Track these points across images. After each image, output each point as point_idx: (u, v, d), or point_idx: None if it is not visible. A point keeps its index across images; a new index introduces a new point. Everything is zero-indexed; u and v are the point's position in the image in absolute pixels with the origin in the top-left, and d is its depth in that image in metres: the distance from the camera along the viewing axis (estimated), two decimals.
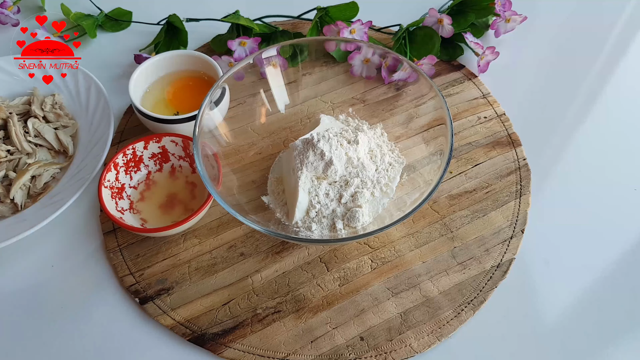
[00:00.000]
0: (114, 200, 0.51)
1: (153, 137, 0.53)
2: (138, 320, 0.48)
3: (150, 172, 0.55)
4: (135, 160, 0.54)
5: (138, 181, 0.54)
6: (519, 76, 0.67)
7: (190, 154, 0.54)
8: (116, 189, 0.52)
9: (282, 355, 0.46)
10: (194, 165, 0.54)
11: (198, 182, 0.54)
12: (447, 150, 0.47)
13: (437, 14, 0.65)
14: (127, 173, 0.53)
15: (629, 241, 0.52)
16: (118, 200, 0.52)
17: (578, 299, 0.49)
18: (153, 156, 0.55)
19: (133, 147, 0.53)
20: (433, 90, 0.51)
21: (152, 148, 0.54)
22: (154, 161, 0.55)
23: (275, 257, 0.51)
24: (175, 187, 0.54)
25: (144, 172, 0.55)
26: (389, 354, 0.45)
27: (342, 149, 0.50)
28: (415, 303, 0.48)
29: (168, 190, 0.54)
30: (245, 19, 0.67)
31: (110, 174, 0.52)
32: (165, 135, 0.54)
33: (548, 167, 0.58)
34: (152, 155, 0.54)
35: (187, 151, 0.54)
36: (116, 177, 0.52)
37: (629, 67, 0.67)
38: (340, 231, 0.49)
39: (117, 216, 0.49)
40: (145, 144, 0.54)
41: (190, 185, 0.54)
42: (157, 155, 0.54)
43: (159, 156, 0.55)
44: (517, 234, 0.52)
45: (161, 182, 0.54)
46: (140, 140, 0.53)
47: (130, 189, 0.53)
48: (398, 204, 0.51)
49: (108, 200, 0.50)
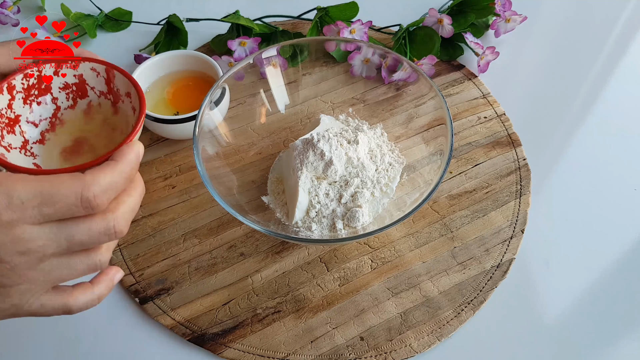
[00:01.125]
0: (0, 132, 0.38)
1: (67, 60, 0.40)
2: (138, 320, 0.48)
3: (60, 107, 0.41)
4: (40, 88, 0.40)
5: (40, 117, 0.40)
6: (519, 76, 0.67)
7: (115, 89, 0.41)
8: (6, 119, 0.38)
9: (282, 355, 0.46)
10: (117, 104, 0.41)
11: (120, 127, 0.41)
12: (447, 150, 0.47)
13: (437, 14, 0.65)
14: (25, 102, 0.39)
15: (629, 241, 0.52)
16: (6, 134, 0.38)
17: (578, 299, 0.49)
18: (66, 87, 0.41)
19: (39, 69, 0.39)
20: (433, 90, 0.51)
21: (66, 76, 0.41)
22: (65, 94, 0.41)
23: (275, 257, 0.51)
24: (89, 129, 0.42)
25: (50, 107, 0.41)
26: (389, 354, 0.45)
27: (342, 149, 0.50)
28: (415, 303, 0.48)
29: (78, 132, 0.41)
30: (245, 19, 0.67)
31: (2, 98, 0.37)
32: (84, 59, 0.40)
33: (548, 167, 0.58)
34: (65, 86, 0.41)
35: (111, 85, 0.41)
36: (9, 104, 0.38)
37: (629, 67, 0.67)
38: (340, 231, 0.49)
39: None
40: (56, 67, 0.39)
41: (107, 129, 0.41)
42: (71, 86, 0.41)
43: (74, 88, 0.41)
44: (517, 234, 0.52)
45: (71, 122, 0.41)
46: (49, 61, 0.39)
47: (28, 124, 0.40)
48: (398, 204, 0.51)
49: None
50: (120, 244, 0.52)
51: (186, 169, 0.58)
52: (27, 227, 0.28)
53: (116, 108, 0.42)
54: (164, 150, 0.59)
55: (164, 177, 0.57)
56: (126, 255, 0.52)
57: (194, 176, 0.57)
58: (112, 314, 0.49)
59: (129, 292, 0.49)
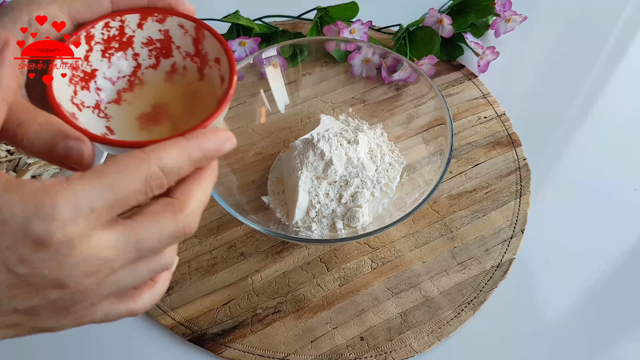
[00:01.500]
0: (73, 86, 0.33)
1: (154, 11, 0.35)
2: (138, 320, 0.48)
3: (140, 65, 0.36)
4: (121, 41, 0.35)
5: (119, 74, 0.36)
6: (519, 76, 0.67)
7: (202, 52, 0.36)
8: (81, 73, 0.33)
9: (282, 355, 0.46)
10: (204, 69, 0.36)
11: (204, 95, 0.37)
12: (447, 150, 0.47)
13: (437, 14, 0.65)
14: (104, 55, 0.34)
15: (629, 241, 0.52)
16: (80, 90, 0.33)
17: (578, 299, 0.49)
18: (149, 42, 0.36)
19: (122, 19, 0.34)
20: (433, 90, 0.51)
21: (150, 30, 0.35)
22: (148, 50, 0.36)
23: (275, 257, 0.51)
24: (170, 94, 0.37)
25: (131, 63, 0.36)
26: (389, 354, 0.45)
27: (342, 149, 0.50)
28: (415, 303, 0.48)
29: (158, 96, 0.37)
30: (245, 19, 0.67)
31: (80, 49, 0.33)
32: (172, 13, 0.35)
33: (548, 167, 0.58)
34: (148, 41, 0.36)
35: (199, 47, 0.36)
36: (86, 56, 0.33)
37: (629, 67, 0.67)
38: (340, 231, 0.49)
39: (68, 110, 0.31)
40: (140, 19, 0.34)
41: (190, 97, 0.37)
42: (155, 42, 0.36)
43: (158, 45, 0.36)
44: (517, 234, 0.52)
45: (152, 84, 0.37)
46: (135, 12, 0.34)
47: (105, 80, 0.35)
48: (398, 204, 0.51)
49: (61, 83, 0.32)
50: None
51: None
52: (95, 241, 0.23)
53: (202, 74, 0.37)
54: None
55: None
56: None
57: None
58: None
59: None
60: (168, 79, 0.37)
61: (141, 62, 0.36)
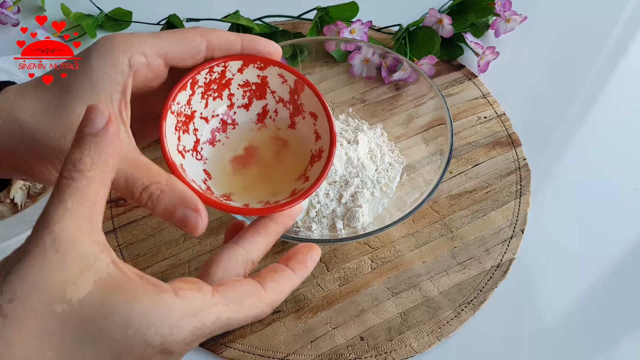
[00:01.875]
0: (178, 133, 0.33)
1: (256, 59, 0.35)
2: None
3: (233, 104, 0.36)
4: (220, 83, 0.35)
5: (213, 113, 0.36)
6: (519, 76, 0.67)
7: (298, 102, 0.36)
8: (183, 117, 0.34)
9: (282, 355, 0.46)
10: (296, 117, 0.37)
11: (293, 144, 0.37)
12: (447, 150, 0.47)
13: (437, 14, 0.65)
14: (203, 97, 0.35)
15: (629, 241, 0.52)
16: (182, 134, 0.34)
17: (578, 299, 0.49)
18: (245, 84, 0.36)
19: (225, 65, 0.34)
20: (433, 90, 0.51)
21: (249, 74, 0.36)
22: (243, 92, 0.37)
23: (275, 257, 0.51)
24: (259, 138, 0.37)
25: (225, 103, 0.36)
26: (389, 354, 0.45)
27: (342, 149, 0.50)
28: (415, 303, 0.48)
29: (249, 138, 0.37)
30: (245, 19, 0.67)
31: (183, 95, 0.33)
32: (273, 63, 0.35)
33: (548, 167, 0.58)
34: (245, 84, 0.36)
35: (295, 97, 0.36)
36: (188, 100, 0.34)
37: (629, 67, 0.67)
38: (340, 231, 0.49)
39: (177, 162, 0.32)
40: (242, 65, 0.35)
41: (279, 143, 0.37)
42: (251, 85, 0.36)
43: (253, 87, 0.37)
44: (517, 234, 0.52)
45: (242, 125, 0.37)
46: (238, 59, 0.34)
47: (201, 120, 0.35)
48: (398, 204, 0.51)
49: (171, 133, 0.32)
50: (120, 244, 0.52)
51: None
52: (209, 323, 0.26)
53: (293, 121, 0.37)
54: None
55: None
56: (126, 255, 0.52)
57: None
58: None
59: None
60: (258, 120, 0.37)
61: (234, 101, 0.36)
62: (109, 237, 0.53)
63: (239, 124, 0.37)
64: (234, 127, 0.37)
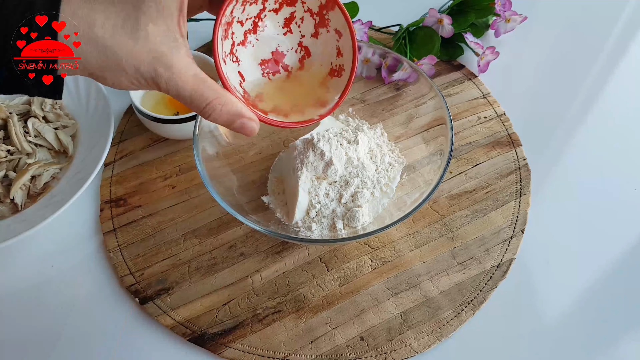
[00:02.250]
0: (222, 42, 0.37)
1: None
2: (138, 320, 0.48)
3: (265, 8, 0.39)
4: None
5: (247, 15, 0.38)
6: (519, 76, 0.67)
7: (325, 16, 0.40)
8: (225, 25, 0.37)
9: (282, 355, 0.46)
10: (320, 29, 0.40)
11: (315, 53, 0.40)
12: (447, 150, 0.47)
13: (437, 14, 0.65)
14: (243, 4, 0.38)
15: (629, 241, 0.52)
16: (224, 41, 0.37)
17: (578, 299, 0.49)
18: None
19: None
20: (433, 90, 0.51)
21: None
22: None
23: (275, 257, 0.51)
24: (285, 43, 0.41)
25: (258, 6, 0.39)
26: (389, 354, 0.45)
27: (342, 149, 0.50)
28: (415, 303, 0.48)
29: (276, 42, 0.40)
30: None
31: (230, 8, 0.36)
32: None
33: (548, 167, 0.58)
34: None
35: (324, 11, 0.40)
36: (232, 9, 0.37)
37: (629, 67, 0.67)
38: (340, 231, 0.49)
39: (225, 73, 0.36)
40: None
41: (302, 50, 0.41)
42: None
43: None
44: (517, 234, 0.52)
45: (269, 29, 0.40)
46: None
47: (237, 24, 0.38)
48: (398, 204, 0.51)
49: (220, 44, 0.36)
50: (120, 244, 0.52)
51: (186, 169, 0.58)
52: None
53: (317, 31, 0.40)
54: (164, 150, 0.59)
55: (164, 177, 0.57)
56: (126, 255, 0.52)
57: (194, 176, 0.57)
58: (112, 314, 0.49)
59: (129, 292, 0.49)
60: (285, 24, 0.40)
61: (267, 5, 0.39)
62: (109, 237, 0.53)
63: (267, 27, 0.40)
64: (263, 30, 0.40)
